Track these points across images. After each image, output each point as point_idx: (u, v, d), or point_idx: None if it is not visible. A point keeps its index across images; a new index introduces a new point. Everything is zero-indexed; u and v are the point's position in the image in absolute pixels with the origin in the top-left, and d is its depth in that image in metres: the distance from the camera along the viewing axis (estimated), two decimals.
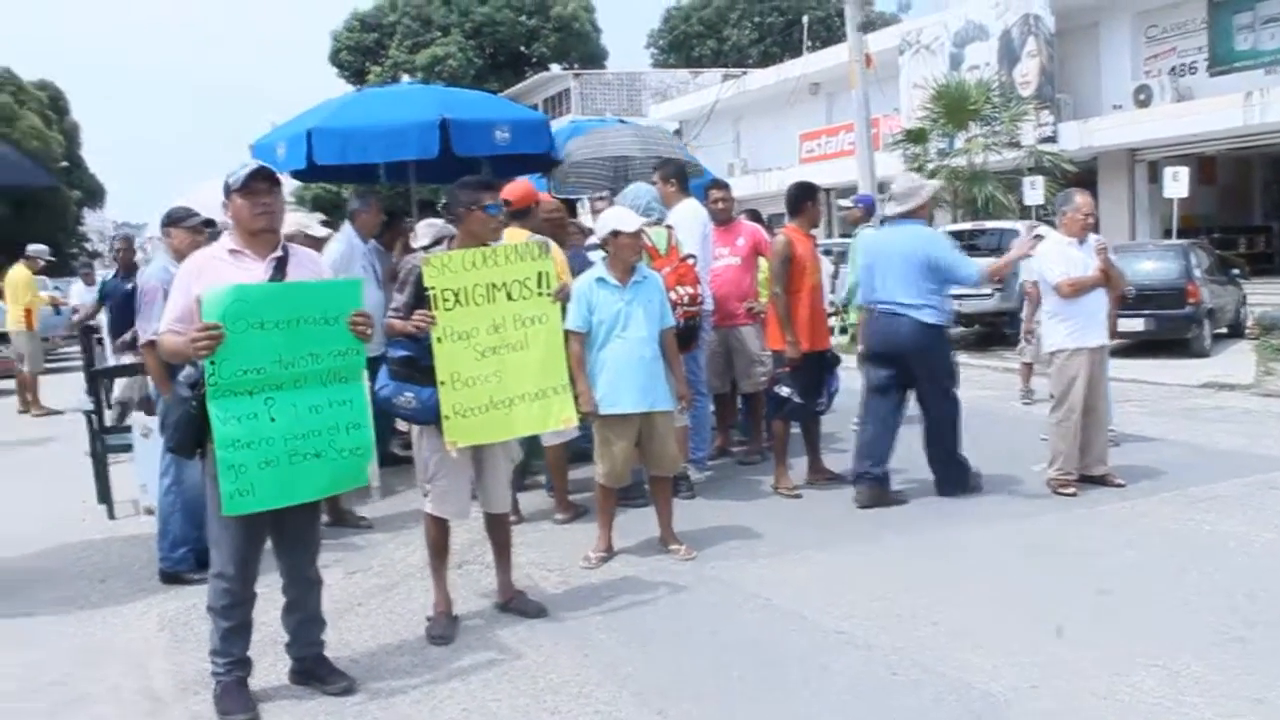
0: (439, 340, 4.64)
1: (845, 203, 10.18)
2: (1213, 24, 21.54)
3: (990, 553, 5.85)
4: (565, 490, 6.80)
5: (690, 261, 6.70)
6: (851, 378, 7.70)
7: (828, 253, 15.77)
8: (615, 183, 9.97)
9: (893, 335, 6.80)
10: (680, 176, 7.66)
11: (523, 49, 50.83)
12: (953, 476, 6.96)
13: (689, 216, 7.33)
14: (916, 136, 20.26)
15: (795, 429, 7.37)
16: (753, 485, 7.42)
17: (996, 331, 16.37)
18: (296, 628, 4.34)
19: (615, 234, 5.62)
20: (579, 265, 6.44)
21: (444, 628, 4.84)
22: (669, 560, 5.77)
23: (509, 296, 4.83)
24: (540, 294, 4.92)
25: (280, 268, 4.10)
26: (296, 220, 6.75)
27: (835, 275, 13.47)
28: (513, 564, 5.23)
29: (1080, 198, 7.09)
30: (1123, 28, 22.83)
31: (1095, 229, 7.23)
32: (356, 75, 49.78)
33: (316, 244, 6.57)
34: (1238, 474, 7.31)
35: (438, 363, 4.65)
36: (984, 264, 7.16)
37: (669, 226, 6.91)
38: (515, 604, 5.10)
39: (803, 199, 7.16)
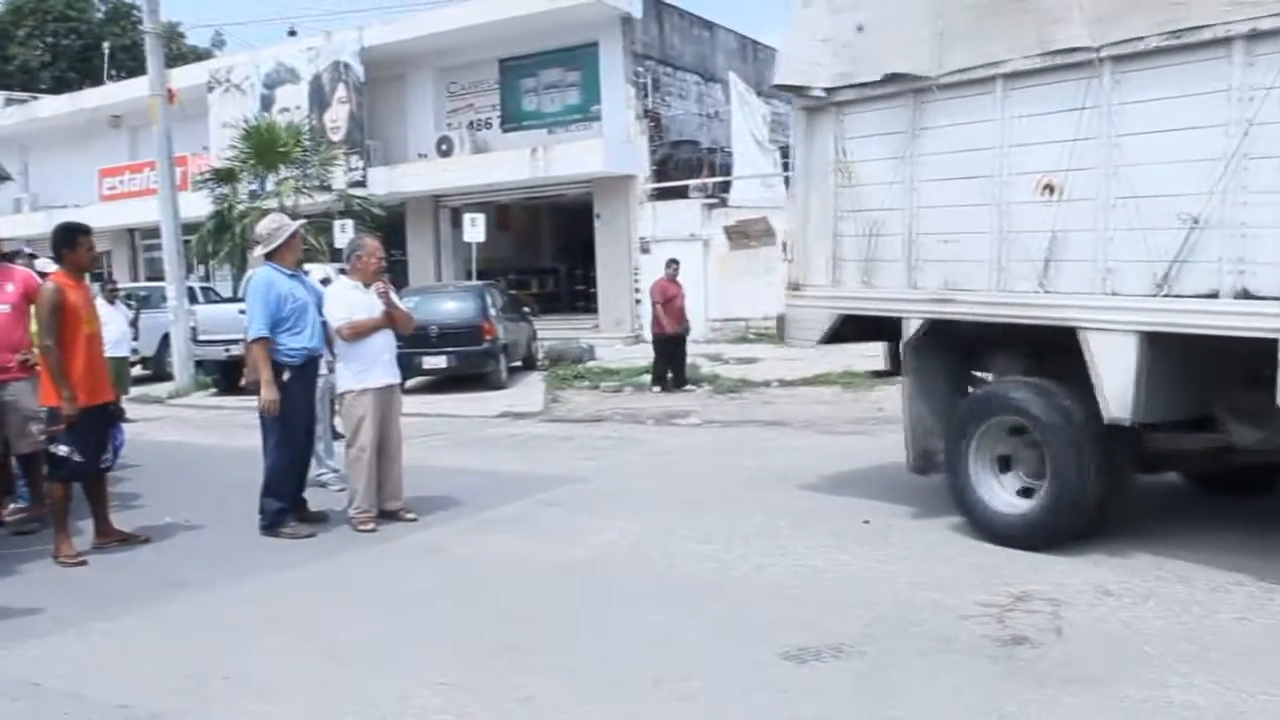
0: None
1: None
2: (504, 85, 23.73)
3: (290, 597, 5.82)
4: None
5: None
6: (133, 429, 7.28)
7: (130, 298, 14.83)
8: None
9: None
10: None
11: None
12: (270, 519, 7.00)
13: None
14: (226, 176, 19.85)
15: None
16: (31, 557, 6.68)
17: None
18: None
19: None
20: None
21: None
22: None
23: None
24: None
25: None
26: None
27: (135, 322, 12.74)
28: None
29: (370, 242, 7.37)
30: (427, 81, 24.32)
31: (394, 271, 7.57)
32: None
33: None
34: (522, 495, 8.01)
35: None
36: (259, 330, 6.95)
37: None
38: None
39: (70, 242, 6.62)
